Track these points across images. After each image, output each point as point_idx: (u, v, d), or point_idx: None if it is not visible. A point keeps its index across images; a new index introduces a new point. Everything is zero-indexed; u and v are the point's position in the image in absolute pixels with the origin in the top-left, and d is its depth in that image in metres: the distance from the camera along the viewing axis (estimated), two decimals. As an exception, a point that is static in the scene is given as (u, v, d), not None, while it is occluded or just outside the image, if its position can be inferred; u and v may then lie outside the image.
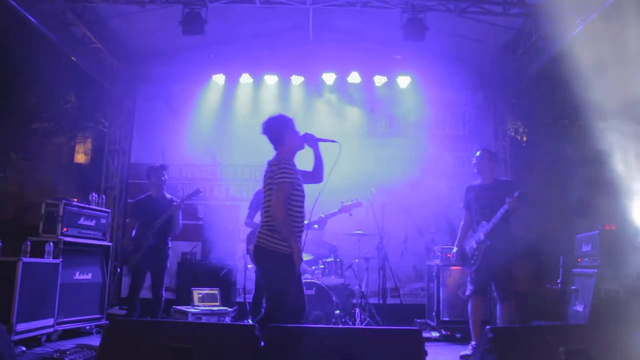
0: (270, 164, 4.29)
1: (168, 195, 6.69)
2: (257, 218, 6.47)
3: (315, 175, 4.53)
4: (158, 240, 6.40)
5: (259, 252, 4.22)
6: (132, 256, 6.40)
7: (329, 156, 4.48)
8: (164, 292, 6.51)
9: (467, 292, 6.06)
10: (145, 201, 6.67)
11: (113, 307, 8.34)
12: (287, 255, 4.10)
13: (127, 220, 7.47)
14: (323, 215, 6.79)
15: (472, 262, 5.93)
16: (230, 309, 7.41)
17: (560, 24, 7.47)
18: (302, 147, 4.43)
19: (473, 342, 5.85)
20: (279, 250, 4.11)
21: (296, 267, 4.15)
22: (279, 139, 4.33)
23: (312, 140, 4.45)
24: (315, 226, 6.76)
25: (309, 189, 4.41)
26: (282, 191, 4.13)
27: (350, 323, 7.16)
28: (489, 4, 7.33)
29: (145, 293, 6.83)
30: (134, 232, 6.56)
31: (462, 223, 6.27)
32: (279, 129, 4.32)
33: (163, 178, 6.63)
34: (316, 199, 4.39)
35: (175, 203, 6.48)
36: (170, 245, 6.62)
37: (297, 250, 4.10)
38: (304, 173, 4.47)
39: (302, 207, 4.31)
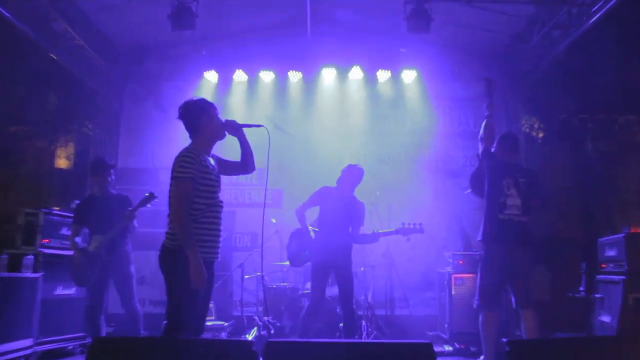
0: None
1: (114, 191, 6.11)
2: (312, 215, 6.02)
3: (245, 165, 4.15)
4: (111, 248, 5.75)
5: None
6: (87, 273, 5.67)
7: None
8: (137, 304, 5.83)
9: (475, 304, 5.45)
10: (90, 202, 6.05)
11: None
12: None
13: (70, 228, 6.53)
14: (376, 231, 6.05)
15: None
16: (226, 324, 7.22)
17: (576, 12, 7.10)
18: (221, 137, 3.99)
19: (482, 357, 5.41)
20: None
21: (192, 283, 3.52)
22: (195, 127, 3.86)
23: (234, 128, 4.02)
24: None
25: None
26: (180, 188, 3.68)
27: (356, 336, 6.83)
28: (497, -9, 7.04)
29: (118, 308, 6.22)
30: (78, 240, 5.85)
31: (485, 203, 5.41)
32: (196, 115, 3.84)
33: (110, 178, 6.01)
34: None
35: (128, 211, 5.70)
36: (129, 250, 5.91)
37: (196, 263, 3.52)
38: (232, 164, 4.15)
39: (215, 206, 3.80)
